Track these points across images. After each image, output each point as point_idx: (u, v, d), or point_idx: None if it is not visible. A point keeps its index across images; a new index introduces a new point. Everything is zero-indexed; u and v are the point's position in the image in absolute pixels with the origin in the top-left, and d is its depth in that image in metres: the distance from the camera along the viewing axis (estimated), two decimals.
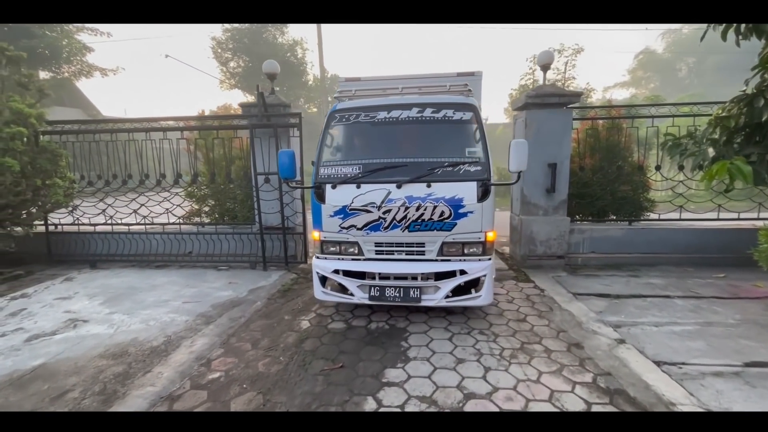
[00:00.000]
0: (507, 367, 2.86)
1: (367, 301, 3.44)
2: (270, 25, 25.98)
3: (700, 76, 33.38)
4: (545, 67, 5.23)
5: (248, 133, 5.16)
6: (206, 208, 6.23)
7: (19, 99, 5.18)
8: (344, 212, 3.36)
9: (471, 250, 3.35)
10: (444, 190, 3.24)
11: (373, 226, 3.33)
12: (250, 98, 28.69)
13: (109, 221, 5.76)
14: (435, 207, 3.22)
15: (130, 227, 5.79)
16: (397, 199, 3.25)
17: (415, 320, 3.69)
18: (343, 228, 3.40)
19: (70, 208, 5.76)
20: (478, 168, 3.30)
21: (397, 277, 3.46)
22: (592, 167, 5.66)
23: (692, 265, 5.09)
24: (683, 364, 2.84)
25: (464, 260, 3.37)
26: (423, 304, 3.39)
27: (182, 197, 5.89)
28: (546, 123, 5.03)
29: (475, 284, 3.42)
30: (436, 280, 3.40)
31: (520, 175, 3.31)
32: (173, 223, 5.72)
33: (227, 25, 24.71)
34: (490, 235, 3.34)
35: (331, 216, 3.41)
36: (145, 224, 5.75)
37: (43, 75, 16.54)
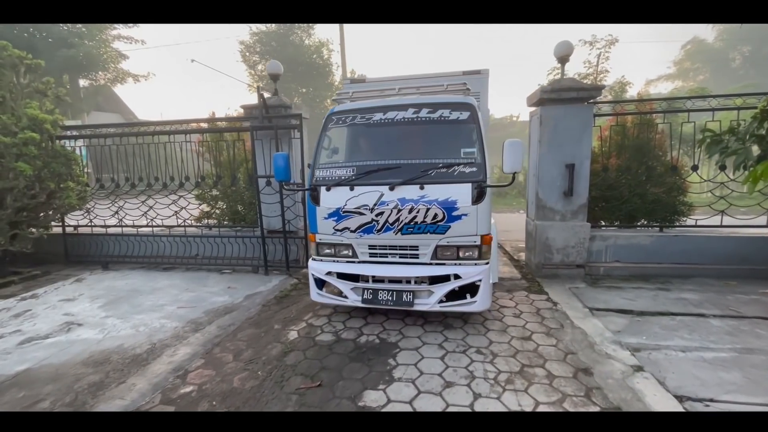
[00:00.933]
0: (500, 395, 2.54)
1: (360, 304, 3.41)
2: (297, 27, 26.40)
3: (756, 66, 30.55)
4: (563, 60, 4.79)
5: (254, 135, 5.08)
6: (216, 211, 6.26)
7: (35, 105, 5.36)
8: (338, 214, 3.36)
9: (466, 253, 3.26)
10: (437, 192, 3.16)
11: (366, 228, 3.31)
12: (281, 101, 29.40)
13: (120, 223, 5.87)
14: (428, 209, 3.15)
15: (139, 230, 5.88)
16: (390, 201, 3.21)
17: (408, 334, 3.43)
18: (337, 230, 3.40)
19: (84, 211, 5.92)
20: (474, 169, 3.19)
21: (392, 281, 3.40)
22: (618, 167, 5.16)
23: (734, 278, 4.49)
24: (711, 400, 2.41)
25: (459, 264, 3.27)
26: (416, 308, 3.32)
27: (187, 200, 5.88)
28: (563, 120, 4.60)
29: (470, 289, 3.28)
30: (430, 284, 3.32)
31: (515, 177, 3.10)
32: (178, 226, 5.74)
33: (254, 29, 25.25)
34: (487, 239, 3.24)
35: (326, 218, 3.42)
36: (152, 226, 5.80)
37: (82, 83, 17.57)
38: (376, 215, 3.25)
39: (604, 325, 3.48)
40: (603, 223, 5.37)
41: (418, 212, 3.16)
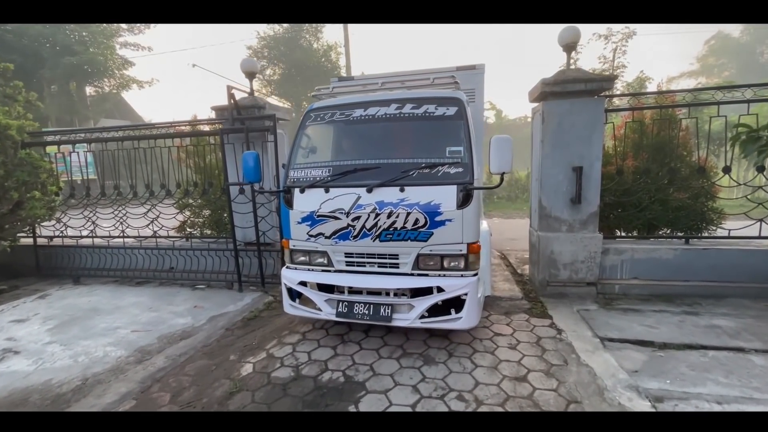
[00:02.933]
0: None
1: (334, 318, 3.11)
2: (305, 31, 26.27)
3: None
4: (569, 47, 4.19)
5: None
6: (200, 220, 5.88)
7: (3, 110, 5.06)
8: (312, 219, 3.08)
9: (451, 264, 2.93)
10: (419, 194, 2.86)
11: (342, 234, 3.02)
12: (287, 104, 29.28)
13: (91, 234, 5.53)
14: (408, 214, 2.85)
15: (111, 241, 5.52)
16: (367, 204, 2.92)
17: (380, 370, 2.90)
18: (311, 236, 3.12)
19: (56, 221, 5.60)
20: (460, 170, 2.88)
21: (370, 292, 3.09)
22: (636, 170, 4.51)
23: None
24: None
25: (444, 276, 2.94)
26: (394, 323, 2.99)
27: (158, 211, 5.47)
28: (569, 116, 4.00)
29: (455, 304, 2.92)
30: (412, 297, 2.99)
31: (503, 178, 2.79)
32: (150, 237, 5.35)
33: (261, 33, 25.25)
34: (474, 248, 2.91)
35: (299, 223, 3.15)
36: (123, 237, 5.43)
37: (89, 90, 17.71)
38: (353, 220, 2.95)
39: (618, 362, 2.87)
40: (618, 234, 4.72)
41: (397, 217, 2.86)
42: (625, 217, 4.58)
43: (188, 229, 5.98)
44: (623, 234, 4.76)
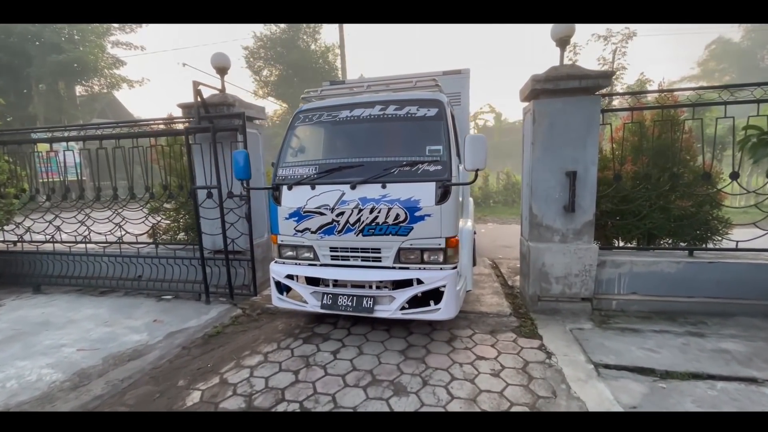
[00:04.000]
0: None
1: (320, 310, 3.29)
2: (303, 32, 26.02)
3: None
4: (563, 42, 3.85)
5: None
6: (176, 224, 5.54)
7: None
8: (299, 215, 3.26)
9: (431, 257, 3.09)
10: (399, 191, 3.04)
11: (327, 229, 3.20)
12: (284, 106, 28.95)
13: (51, 239, 5.17)
14: (389, 209, 3.02)
15: (72, 247, 5.17)
16: (351, 200, 3.10)
17: (343, 402, 2.54)
18: (298, 231, 3.30)
19: (15, 225, 5.25)
20: (438, 167, 3.05)
21: (354, 285, 3.30)
22: (635, 175, 4.17)
23: None
24: None
25: (424, 268, 3.11)
26: (376, 314, 3.16)
27: (123, 217, 5.11)
28: (562, 116, 3.66)
29: (434, 296, 3.11)
30: (393, 289, 3.16)
31: (477, 174, 2.94)
32: (114, 243, 4.99)
33: (258, 33, 25.01)
34: (452, 242, 3.07)
35: (287, 218, 3.32)
36: (85, 243, 5.08)
37: (79, 90, 17.38)
38: (337, 215, 3.12)
39: (614, 395, 2.51)
40: (616, 244, 4.38)
41: (379, 212, 3.03)
42: (623, 226, 4.23)
43: (163, 235, 5.66)
44: (621, 245, 4.41)
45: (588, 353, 3.06)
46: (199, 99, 4.12)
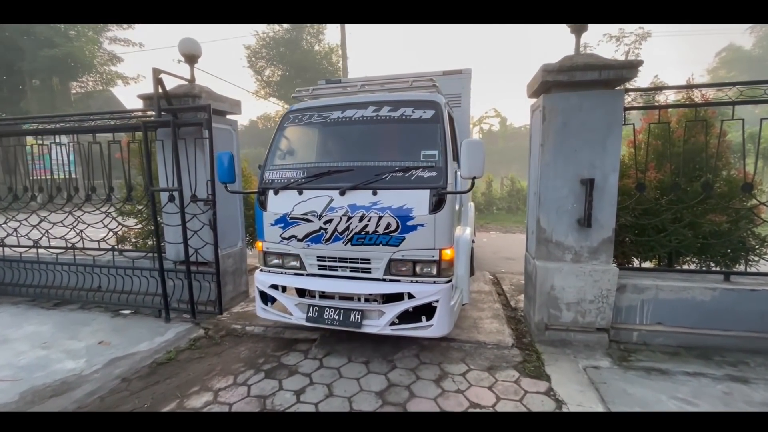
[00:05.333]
0: None
1: (304, 322, 3.08)
2: (306, 33, 25.68)
3: None
4: (579, 29, 3.31)
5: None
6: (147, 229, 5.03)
7: None
8: (285, 221, 3.07)
9: (424, 270, 2.88)
10: (391, 198, 2.84)
11: (314, 237, 3.01)
12: (286, 107, 28.57)
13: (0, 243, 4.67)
14: (380, 218, 2.82)
15: (23, 254, 4.66)
16: (340, 207, 2.91)
17: None
18: (284, 238, 3.11)
19: None
20: (433, 174, 2.84)
21: (342, 297, 3.10)
22: (659, 184, 3.61)
23: None
24: None
25: (416, 282, 2.90)
26: (364, 330, 2.94)
27: (78, 219, 4.58)
28: (577, 113, 3.11)
29: (427, 311, 2.89)
30: (384, 302, 2.98)
31: (474, 182, 2.74)
32: (67, 248, 4.46)
33: (260, 33, 24.70)
34: (447, 254, 2.86)
35: (272, 225, 3.13)
36: (36, 248, 4.57)
37: (75, 85, 16.98)
38: (325, 223, 2.94)
39: None
40: (636, 264, 3.80)
41: (369, 221, 2.83)
42: (645, 243, 3.66)
43: (134, 240, 5.16)
44: (641, 265, 3.83)
45: (607, 403, 2.48)
46: (160, 89, 3.60)
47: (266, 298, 3.30)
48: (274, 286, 3.21)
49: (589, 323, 3.26)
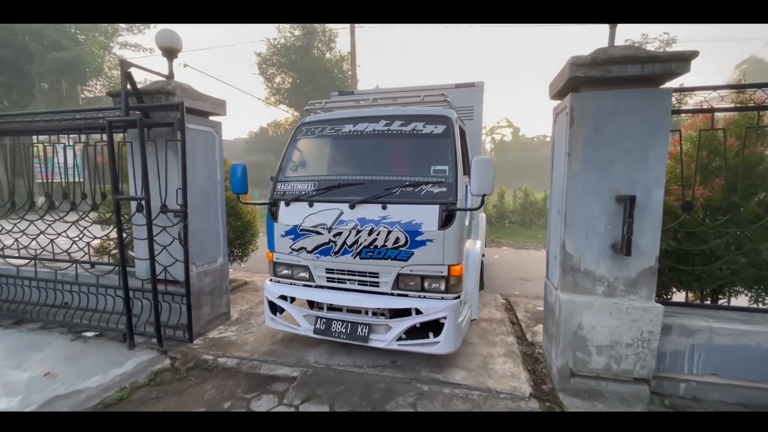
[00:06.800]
0: None
1: (312, 334, 3.11)
2: (318, 41, 25.62)
3: None
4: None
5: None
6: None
7: None
8: (295, 232, 3.11)
9: (432, 285, 2.86)
10: (400, 213, 2.83)
11: (323, 249, 3.02)
12: (296, 114, 28.39)
13: None
14: (389, 232, 2.82)
15: None
16: (349, 220, 2.92)
17: None
18: (294, 250, 3.14)
19: None
20: (443, 189, 2.82)
21: (350, 311, 3.12)
22: (708, 203, 3.03)
23: None
24: None
25: (424, 297, 2.88)
26: (371, 344, 2.95)
27: (38, 228, 4.15)
28: (613, 116, 2.56)
29: (434, 327, 2.84)
30: (391, 317, 2.96)
31: (484, 200, 2.67)
32: (29, 258, 4.03)
33: (271, 40, 24.72)
34: (456, 270, 2.81)
35: (282, 236, 3.17)
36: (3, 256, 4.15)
37: (85, 89, 16.97)
38: (334, 235, 2.96)
39: None
40: (679, 298, 3.20)
41: (378, 235, 2.85)
42: (689, 274, 3.06)
43: (113, 251, 4.72)
44: (687, 300, 3.23)
45: None
46: (128, 84, 3.18)
47: (275, 309, 3.32)
48: (283, 297, 3.24)
49: (625, 372, 2.66)
